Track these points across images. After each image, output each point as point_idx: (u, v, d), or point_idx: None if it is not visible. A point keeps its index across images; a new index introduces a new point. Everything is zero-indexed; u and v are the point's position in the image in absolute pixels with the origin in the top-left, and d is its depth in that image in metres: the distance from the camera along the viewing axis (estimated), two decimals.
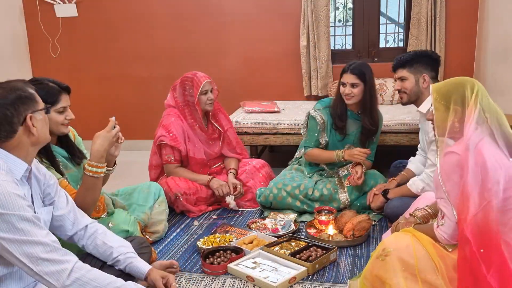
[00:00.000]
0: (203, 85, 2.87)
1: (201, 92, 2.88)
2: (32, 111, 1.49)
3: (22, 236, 1.37)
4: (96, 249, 1.75)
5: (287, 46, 4.34)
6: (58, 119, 1.99)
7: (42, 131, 1.53)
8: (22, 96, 1.48)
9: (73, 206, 1.77)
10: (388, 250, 1.61)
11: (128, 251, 1.77)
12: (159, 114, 3.06)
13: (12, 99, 1.45)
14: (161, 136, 2.89)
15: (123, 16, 4.56)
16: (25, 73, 4.75)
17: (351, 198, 2.79)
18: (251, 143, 3.62)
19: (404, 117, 3.45)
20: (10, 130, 1.45)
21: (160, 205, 2.55)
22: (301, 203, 2.81)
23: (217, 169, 3.13)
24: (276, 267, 2.11)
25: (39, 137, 1.52)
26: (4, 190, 1.37)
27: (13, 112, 1.45)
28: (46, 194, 1.68)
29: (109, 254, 1.74)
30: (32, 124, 1.48)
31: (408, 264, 1.56)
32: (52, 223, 1.71)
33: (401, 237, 1.66)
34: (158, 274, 1.76)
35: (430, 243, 1.61)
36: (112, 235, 1.79)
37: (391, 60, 4.23)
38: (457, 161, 1.56)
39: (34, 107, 1.50)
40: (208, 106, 2.95)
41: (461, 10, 4.04)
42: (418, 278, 1.54)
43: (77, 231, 1.74)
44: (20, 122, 1.46)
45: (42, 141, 1.56)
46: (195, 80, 2.89)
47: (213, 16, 4.43)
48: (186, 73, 2.96)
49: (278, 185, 2.85)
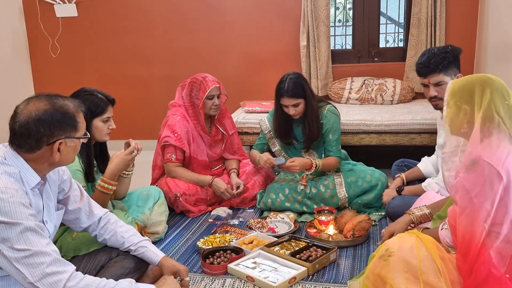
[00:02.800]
0: (210, 90, 2.84)
1: (207, 97, 2.86)
2: (66, 137, 1.48)
3: (23, 245, 1.36)
4: (108, 239, 1.85)
5: (287, 46, 4.34)
6: (103, 128, 2.18)
7: (66, 157, 1.52)
8: (65, 121, 1.47)
9: (88, 198, 1.83)
10: (391, 251, 1.60)
11: (139, 240, 1.87)
12: (159, 114, 3.05)
13: (53, 120, 1.44)
14: (166, 137, 2.87)
15: (123, 16, 4.56)
16: (25, 73, 4.76)
17: (349, 194, 2.79)
18: (251, 143, 3.62)
19: (404, 117, 3.45)
20: (34, 146, 1.44)
21: (159, 207, 2.55)
22: (300, 204, 2.82)
23: (218, 171, 3.13)
24: (276, 267, 2.11)
25: (60, 162, 1.52)
26: (9, 198, 1.36)
27: (46, 132, 1.44)
28: (60, 190, 1.71)
29: (121, 244, 1.85)
30: (59, 149, 1.48)
31: (410, 265, 1.55)
32: (68, 217, 1.76)
33: (405, 238, 1.65)
34: (169, 270, 1.83)
35: (433, 245, 1.60)
36: (123, 225, 1.89)
37: (391, 60, 4.32)
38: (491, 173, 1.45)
39: (70, 134, 1.49)
40: (213, 111, 2.92)
41: (461, 10, 4.04)
42: (420, 280, 1.53)
43: (91, 224, 1.82)
44: (47, 142, 1.45)
45: (61, 165, 1.57)
46: (203, 84, 2.86)
47: (213, 16, 4.43)
48: (198, 74, 2.92)
49: (275, 190, 2.85)
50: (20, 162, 1.46)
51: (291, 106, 2.72)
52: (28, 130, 1.42)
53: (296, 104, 2.71)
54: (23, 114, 1.44)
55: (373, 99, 4.03)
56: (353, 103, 4.08)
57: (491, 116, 1.48)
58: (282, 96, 2.71)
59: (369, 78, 4.14)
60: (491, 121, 1.48)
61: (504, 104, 1.49)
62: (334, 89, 4.15)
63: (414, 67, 4.09)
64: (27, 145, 1.44)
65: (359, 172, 2.86)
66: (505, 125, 1.48)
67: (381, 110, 3.72)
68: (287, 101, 2.71)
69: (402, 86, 4.03)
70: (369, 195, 2.80)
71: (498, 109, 1.48)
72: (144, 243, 1.88)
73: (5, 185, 1.38)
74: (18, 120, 1.44)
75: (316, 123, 2.78)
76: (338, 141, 2.84)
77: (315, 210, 2.64)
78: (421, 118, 3.38)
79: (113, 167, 2.08)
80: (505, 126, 1.48)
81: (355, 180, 2.82)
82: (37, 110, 1.43)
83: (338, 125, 2.84)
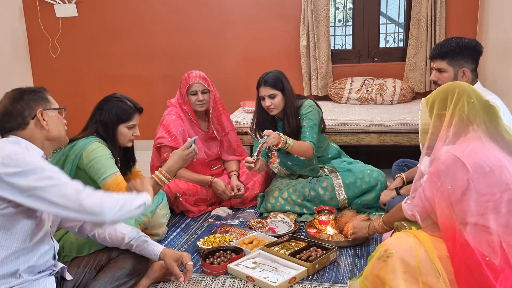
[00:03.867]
0: (190, 85, 2.84)
1: (190, 93, 2.86)
2: (44, 108, 1.62)
3: (52, 181, 1.43)
4: (108, 238, 1.85)
5: (287, 46, 4.34)
6: (127, 134, 2.26)
7: (54, 126, 1.64)
8: (34, 95, 1.62)
9: None
10: (390, 252, 1.60)
11: (140, 235, 1.91)
12: (159, 114, 3.05)
13: (25, 96, 1.61)
14: (160, 138, 2.87)
15: (123, 16, 4.56)
16: (25, 73, 4.76)
17: (348, 196, 2.79)
18: (251, 143, 3.62)
19: (404, 117, 3.45)
20: (22, 122, 1.58)
21: (162, 209, 2.55)
22: (300, 207, 2.82)
23: (218, 171, 3.13)
24: (276, 267, 2.11)
25: (50, 131, 1.62)
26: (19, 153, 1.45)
27: (24, 106, 1.59)
28: None
29: (121, 239, 1.87)
30: (43, 118, 1.60)
31: (409, 266, 1.56)
32: (64, 224, 1.80)
33: (403, 239, 1.65)
34: (172, 259, 1.87)
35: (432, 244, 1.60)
36: (121, 223, 1.90)
37: (391, 60, 4.32)
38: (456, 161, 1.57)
39: (46, 105, 1.64)
40: (198, 107, 2.91)
41: (461, 10, 4.04)
42: (419, 281, 1.53)
43: (87, 224, 1.84)
44: (31, 115, 1.59)
45: (54, 136, 1.64)
46: (186, 80, 2.88)
47: (213, 16, 4.43)
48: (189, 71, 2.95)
49: (274, 194, 2.85)
50: (23, 140, 1.57)
51: (267, 97, 2.75)
52: (9, 112, 1.58)
53: (272, 95, 2.74)
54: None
55: (373, 99, 4.03)
56: (353, 103, 4.08)
57: (458, 114, 1.62)
58: (259, 85, 2.78)
59: (369, 78, 4.14)
60: (458, 118, 1.62)
61: (469, 102, 1.62)
62: (334, 89, 4.16)
63: (414, 67, 4.15)
64: (16, 123, 1.57)
65: (357, 173, 2.84)
66: (470, 120, 1.61)
67: (381, 110, 3.72)
68: (264, 91, 2.76)
69: (402, 86, 4.03)
70: (368, 196, 2.80)
71: (463, 107, 1.61)
72: (144, 237, 1.91)
73: (14, 150, 1.47)
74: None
75: (295, 120, 2.79)
76: (312, 128, 2.75)
77: (315, 210, 2.64)
78: None
79: (172, 163, 2.10)
80: (470, 122, 1.61)
81: (354, 181, 2.81)
82: (7, 97, 1.62)
83: (313, 115, 2.78)
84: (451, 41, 2.31)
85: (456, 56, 2.28)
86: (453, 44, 2.29)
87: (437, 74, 2.35)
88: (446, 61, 2.29)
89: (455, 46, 2.28)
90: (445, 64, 2.30)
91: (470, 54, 2.29)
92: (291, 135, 2.72)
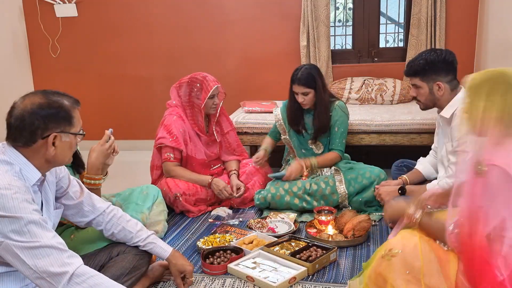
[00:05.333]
0: (213, 90, 2.86)
1: (209, 97, 2.87)
2: (60, 131, 1.49)
3: (29, 238, 1.37)
4: (117, 233, 1.86)
5: (287, 46, 4.34)
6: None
7: (62, 153, 1.52)
8: (59, 115, 1.48)
9: (88, 193, 1.83)
10: (395, 251, 1.59)
11: (148, 235, 1.90)
12: (159, 114, 3.05)
13: (48, 113, 1.46)
14: (161, 138, 2.87)
15: (123, 16, 4.56)
16: (25, 73, 4.76)
17: (349, 191, 2.80)
18: (251, 143, 3.62)
19: (404, 117, 3.45)
20: (29, 139, 1.46)
21: (158, 206, 2.55)
22: (299, 200, 2.82)
23: (217, 170, 3.13)
24: (276, 267, 2.11)
25: (55, 157, 1.51)
26: (12, 195, 1.37)
27: (41, 124, 1.45)
28: (58, 188, 1.71)
29: (130, 239, 1.87)
30: (54, 143, 1.48)
31: (413, 267, 1.54)
32: (69, 211, 1.78)
33: (408, 238, 1.63)
34: (176, 268, 1.89)
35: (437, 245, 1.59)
36: (130, 220, 1.90)
37: (391, 60, 4.32)
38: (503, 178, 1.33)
39: (65, 128, 1.50)
40: (212, 110, 2.95)
41: (461, 10, 4.04)
42: (421, 282, 1.52)
43: (95, 217, 1.82)
44: (41, 136, 1.46)
45: (57, 162, 1.55)
46: (204, 84, 2.87)
47: (213, 16, 4.43)
48: (196, 74, 2.93)
49: (275, 185, 2.87)
50: (20, 159, 1.47)
51: (300, 93, 2.86)
52: (23, 123, 1.44)
53: (305, 93, 2.85)
54: (19, 108, 1.46)
55: (373, 99, 4.03)
56: (353, 103, 4.08)
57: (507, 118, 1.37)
58: (293, 82, 2.88)
59: (369, 78, 4.14)
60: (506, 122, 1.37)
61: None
62: (334, 89, 4.15)
63: None
64: (22, 138, 1.45)
65: (358, 169, 2.89)
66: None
67: (381, 110, 3.72)
68: (297, 89, 2.86)
69: (402, 86, 4.03)
70: (368, 192, 2.80)
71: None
72: (152, 238, 1.91)
73: (9, 182, 1.39)
74: (13, 114, 1.46)
75: (325, 115, 2.89)
76: (342, 135, 2.94)
77: (315, 210, 2.64)
78: (421, 118, 3.37)
79: (93, 161, 2.00)
80: None
81: (355, 176, 2.84)
82: (32, 103, 1.45)
83: (345, 121, 2.96)
84: (421, 57, 2.36)
85: (427, 72, 2.32)
86: (422, 61, 2.33)
87: (414, 89, 2.42)
88: (419, 78, 2.36)
89: (424, 63, 2.32)
90: (419, 81, 2.37)
91: (441, 68, 2.31)
92: (319, 128, 2.91)
